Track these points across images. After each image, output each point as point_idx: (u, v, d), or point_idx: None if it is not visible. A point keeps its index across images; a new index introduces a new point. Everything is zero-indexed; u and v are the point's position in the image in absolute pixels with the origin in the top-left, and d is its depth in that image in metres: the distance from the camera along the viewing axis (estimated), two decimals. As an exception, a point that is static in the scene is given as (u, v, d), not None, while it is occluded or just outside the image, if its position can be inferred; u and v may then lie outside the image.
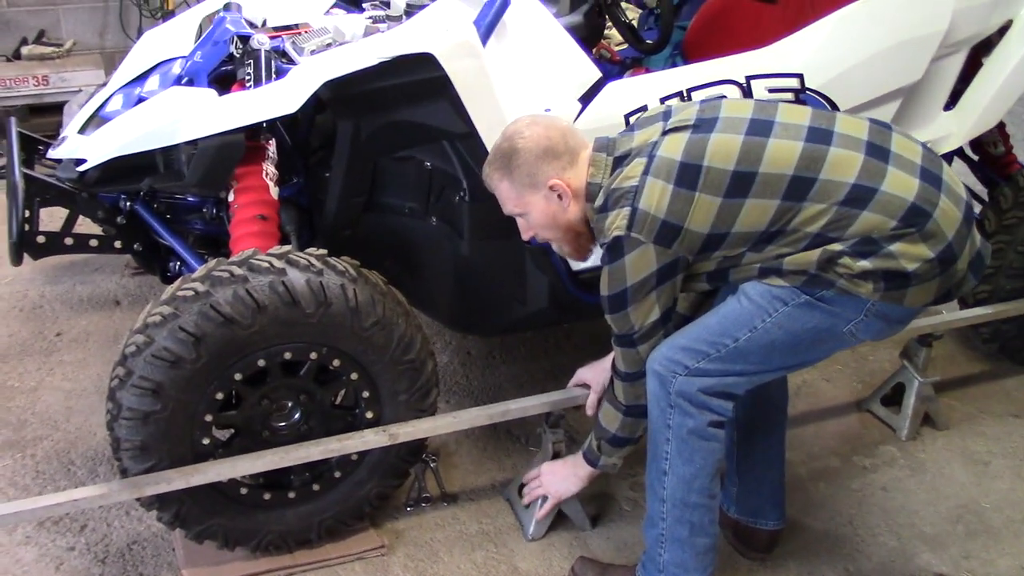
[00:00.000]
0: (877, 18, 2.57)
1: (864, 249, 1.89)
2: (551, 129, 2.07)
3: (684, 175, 1.92)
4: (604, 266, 2.01)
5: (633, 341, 2.07)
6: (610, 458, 2.28)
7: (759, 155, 1.91)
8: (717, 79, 2.49)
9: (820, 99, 2.57)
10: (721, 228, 1.94)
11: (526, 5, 2.37)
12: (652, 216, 1.92)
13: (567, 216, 2.10)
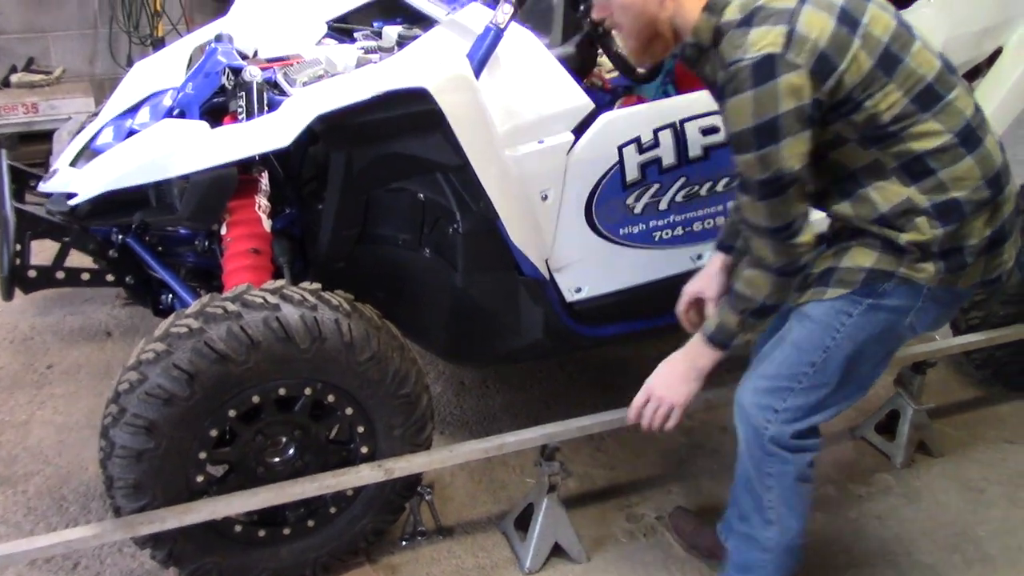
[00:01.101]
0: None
1: (944, 210, 1.87)
2: None
3: (845, 18, 1.80)
4: (744, 92, 1.76)
5: (783, 184, 1.81)
6: (748, 334, 2.03)
7: (907, 45, 1.85)
8: (710, 110, 2.49)
9: (812, 128, 2.59)
10: (857, 95, 1.82)
11: (519, 38, 2.38)
12: (812, 42, 1.75)
13: (657, 11, 1.92)
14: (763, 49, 1.74)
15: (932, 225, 1.88)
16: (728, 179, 2.55)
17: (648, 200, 2.51)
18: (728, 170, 2.54)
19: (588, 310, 2.60)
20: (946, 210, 1.87)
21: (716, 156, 2.51)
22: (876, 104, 1.83)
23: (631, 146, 2.44)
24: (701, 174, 2.53)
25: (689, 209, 2.57)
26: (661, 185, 2.50)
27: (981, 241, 1.91)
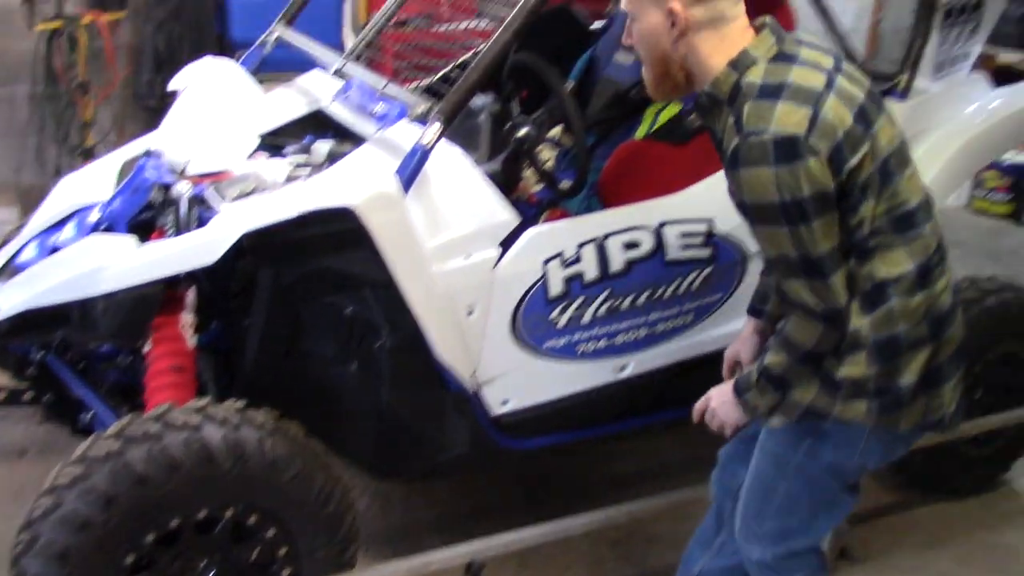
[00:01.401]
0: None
1: (884, 346, 1.89)
2: None
3: (861, 116, 1.82)
4: (765, 167, 1.75)
5: (823, 267, 1.82)
6: (760, 398, 1.99)
7: (903, 166, 1.90)
8: (631, 225, 2.58)
9: (729, 244, 2.68)
10: (857, 195, 1.83)
11: (447, 155, 2.43)
12: (836, 130, 1.77)
13: (669, 50, 1.90)
14: (787, 128, 1.74)
15: (869, 363, 1.90)
16: (650, 292, 2.62)
17: (572, 313, 2.56)
18: (650, 284, 2.62)
19: (514, 423, 2.62)
20: (885, 346, 1.90)
21: (638, 270, 2.59)
22: (865, 211, 1.84)
23: (555, 261, 2.50)
24: (624, 288, 2.59)
25: (612, 322, 2.62)
26: (585, 299, 2.56)
27: (916, 380, 1.92)
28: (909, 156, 1.94)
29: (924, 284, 1.90)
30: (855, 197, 1.83)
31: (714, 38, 1.86)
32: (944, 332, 1.96)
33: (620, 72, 3.59)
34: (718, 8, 1.84)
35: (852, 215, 1.84)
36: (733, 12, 1.87)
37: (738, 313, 2.78)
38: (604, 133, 3.53)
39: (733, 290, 2.75)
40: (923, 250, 1.90)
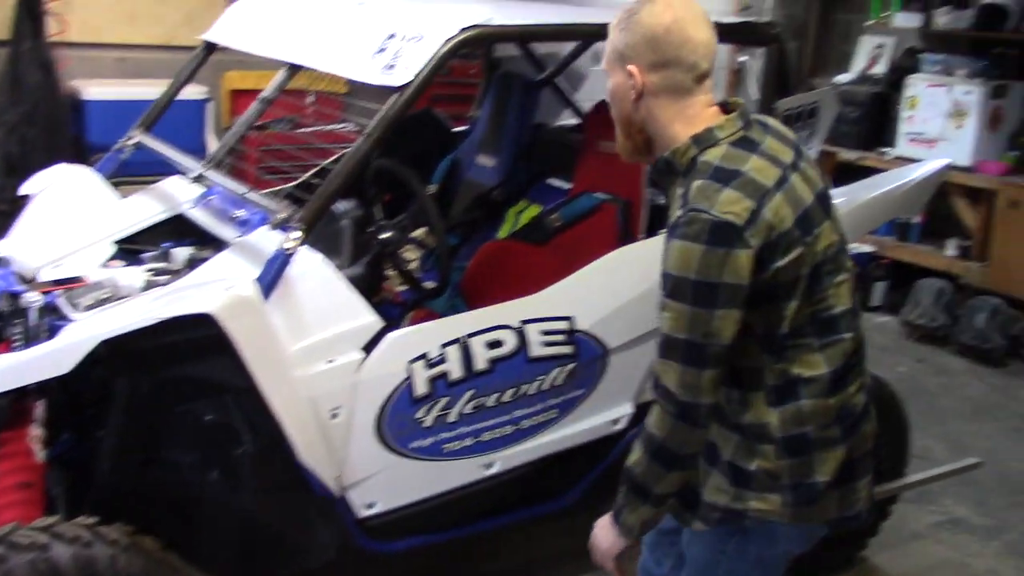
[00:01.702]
0: (634, 265, 2.81)
1: (793, 444, 1.91)
2: (682, 29, 1.85)
3: (802, 222, 1.83)
4: (696, 243, 1.76)
5: (704, 352, 1.80)
6: (630, 515, 1.97)
7: (837, 271, 1.91)
8: (494, 324, 2.63)
9: (591, 339, 2.76)
10: (781, 295, 1.84)
11: (308, 261, 2.44)
12: (772, 228, 1.79)
13: (630, 111, 1.93)
14: (726, 216, 1.75)
15: (778, 456, 1.92)
16: (514, 389, 2.67)
17: (437, 413, 2.58)
18: (514, 381, 2.66)
19: (381, 525, 2.60)
20: (794, 442, 1.91)
21: (502, 368, 2.63)
22: (788, 310, 1.86)
23: (419, 362, 2.52)
24: (488, 386, 2.63)
25: (478, 420, 2.65)
26: (450, 398, 2.58)
27: (831, 477, 1.94)
28: (845, 262, 1.95)
29: (837, 388, 1.92)
30: (779, 296, 1.85)
31: (673, 107, 1.89)
32: (857, 431, 1.98)
33: (482, 174, 3.71)
34: (675, 78, 1.87)
35: (774, 313, 1.86)
36: (693, 86, 1.89)
37: (601, 406, 2.87)
38: (467, 233, 3.62)
39: (595, 384, 2.82)
40: (841, 355, 1.92)
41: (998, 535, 3.83)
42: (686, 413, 1.85)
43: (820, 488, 1.94)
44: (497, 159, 3.66)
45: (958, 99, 6.08)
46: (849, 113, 6.66)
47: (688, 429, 1.87)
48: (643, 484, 1.94)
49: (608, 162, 3.19)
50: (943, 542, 3.64)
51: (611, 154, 3.17)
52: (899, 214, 3.87)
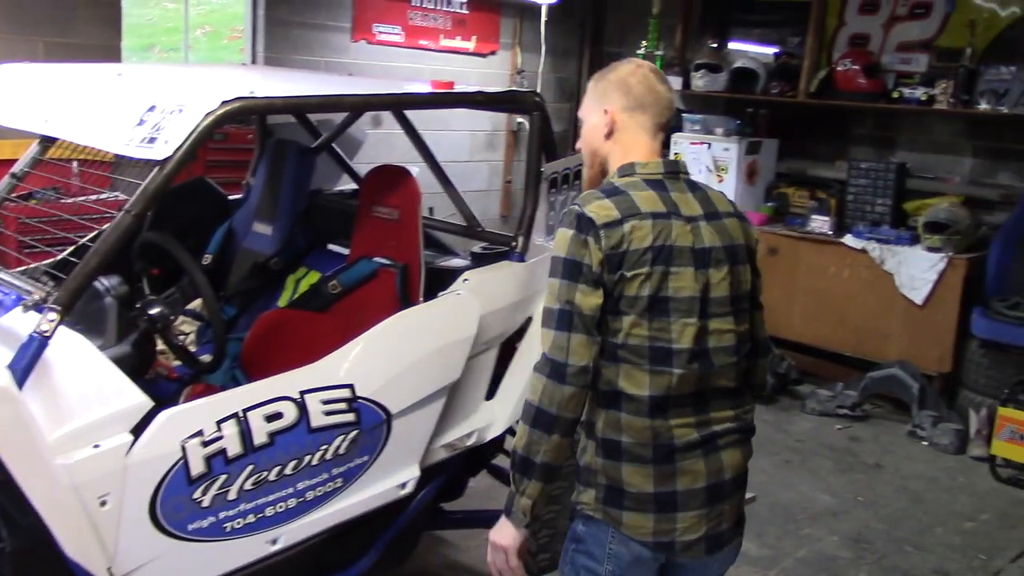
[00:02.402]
0: (413, 330, 2.85)
1: (607, 447, 2.12)
2: (650, 81, 2.23)
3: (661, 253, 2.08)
4: (567, 228, 2.11)
5: (571, 320, 2.06)
6: (521, 497, 2.13)
7: (684, 311, 2.10)
8: (272, 397, 2.58)
9: (373, 406, 2.76)
10: (621, 305, 2.07)
11: (68, 343, 2.33)
12: (624, 240, 2.07)
13: (599, 146, 2.26)
14: (591, 212, 2.08)
15: (595, 453, 2.13)
16: (296, 461, 2.62)
17: (216, 492, 2.50)
18: (296, 453, 2.62)
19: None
20: (609, 446, 2.12)
21: (282, 441, 2.59)
22: (625, 323, 2.08)
23: (194, 440, 2.44)
24: (269, 460, 2.58)
25: (260, 495, 2.59)
26: (229, 475, 2.51)
27: (642, 491, 2.10)
28: (712, 313, 2.13)
29: (654, 414, 2.09)
30: (620, 307, 2.08)
31: (628, 148, 2.23)
32: (674, 464, 2.12)
33: (259, 242, 3.66)
34: (639, 121, 2.22)
35: (613, 320, 2.09)
36: (651, 132, 2.23)
37: (387, 472, 2.87)
38: (246, 304, 3.56)
39: (380, 450, 2.82)
40: (665, 386, 2.09)
41: (775, 564, 4.07)
42: (555, 371, 2.06)
43: (630, 494, 2.11)
44: (274, 226, 3.63)
45: (717, 155, 6.54)
46: (621, 170, 7.00)
47: (556, 386, 2.06)
48: (526, 457, 2.11)
49: (384, 227, 3.23)
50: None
51: (386, 219, 3.23)
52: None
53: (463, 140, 7.10)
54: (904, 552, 4.29)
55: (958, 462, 5.37)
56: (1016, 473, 5.12)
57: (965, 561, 4.25)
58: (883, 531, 4.48)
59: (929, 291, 5.75)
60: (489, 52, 7.17)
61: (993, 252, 5.76)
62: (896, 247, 5.91)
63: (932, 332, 5.80)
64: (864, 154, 6.55)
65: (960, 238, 5.75)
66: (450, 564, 3.91)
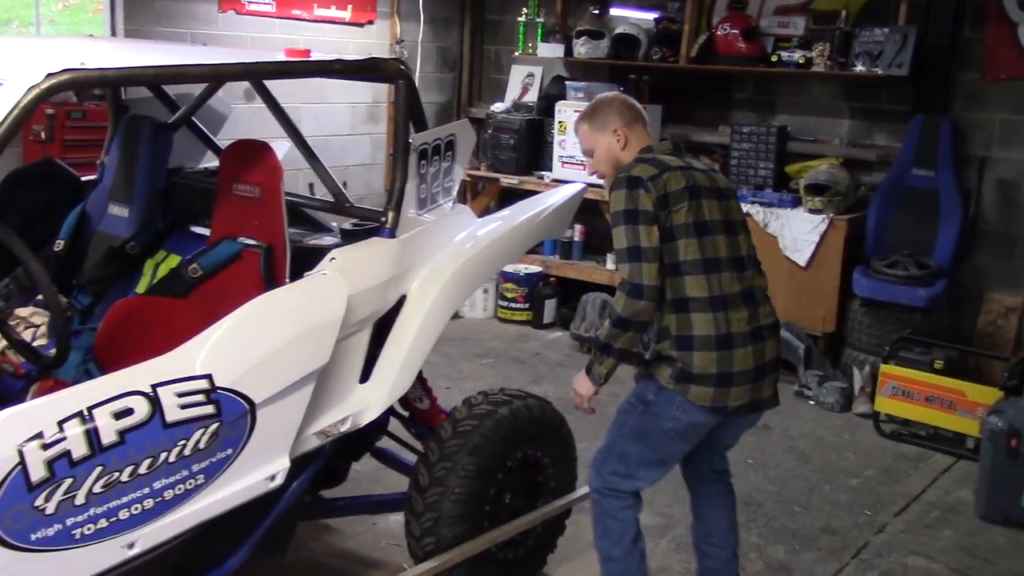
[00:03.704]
0: (275, 314, 2.69)
1: (681, 341, 2.88)
2: (630, 103, 3.15)
3: (694, 190, 2.94)
4: (622, 189, 2.87)
5: (640, 255, 2.82)
6: (599, 367, 2.97)
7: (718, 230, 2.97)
8: (120, 392, 2.40)
9: (234, 396, 2.59)
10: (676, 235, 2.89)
11: None
12: (666, 185, 2.87)
13: (620, 156, 3.05)
14: (637, 173, 2.87)
15: (671, 347, 2.89)
16: (151, 459, 2.45)
17: (62, 497, 2.31)
18: (150, 451, 2.45)
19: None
20: (682, 342, 2.88)
21: (134, 439, 2.41)
22: (681, 247, 2.88)
23: (33, 443, 2.25)
24: (120, 460, 2.39)
25: (112, 498, 2.41)
26: (75, 479, 2.32)
27: (706, 373, 2.85)
28: (737, 226, 3.02)
29: (716, 310, 2.87)
30: (674, 235, 2.86)
31: (635, 147, 3.06)
32: (733, 348, 2.88)
33: (115, 225, 3.45)
34: (636, 128, 3.09)
35: (671, 245, 2.86)
36: (642, 132, 3.11)
37: (253, 465, 2.72)
38: (102, 291, 3.35)
39: (244, 443, 2.66)
40: (718, 285, 2.89)
41: (667, 532, 4.07)
42: (633, 291, 2.83)
43: (697, 375, 2.86)
44: (130, 208, 3.40)
45: (602, 123, 6.46)
46: (506, 140, 6.92)
47: (635, 302, 2.84)
48: (608, 343, 2.92)
49: (245, 205, 3.06)
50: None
51: (248, 197, 3.06)
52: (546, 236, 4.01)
53: (343, 113, 6.89)
54: (793, 512, 4.34)
55: (844, 420, 5.47)
56: (899, 428, 5.24)
57: (851, 518, 4.32)
58: (772, 492, 4.52)
59: (812, 252, 5.82)
60: (367, 21, 6.95)
61: (872, 212, 5.87)
62: (779, 210, 5.97)
63: (816, 293, 5.88)
64: (746, 118, 6.58)
65: (840, 199, 5.83)
66: (336, 552, 3.78)
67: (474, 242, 3.38)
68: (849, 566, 3.90)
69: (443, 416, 3.52)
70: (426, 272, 3.19)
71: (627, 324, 2.86)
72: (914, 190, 5.82)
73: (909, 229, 5.80)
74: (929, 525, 4.29)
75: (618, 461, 3.03)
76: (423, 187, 3.17)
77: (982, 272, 5.90)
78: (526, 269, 6.77)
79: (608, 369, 2.97)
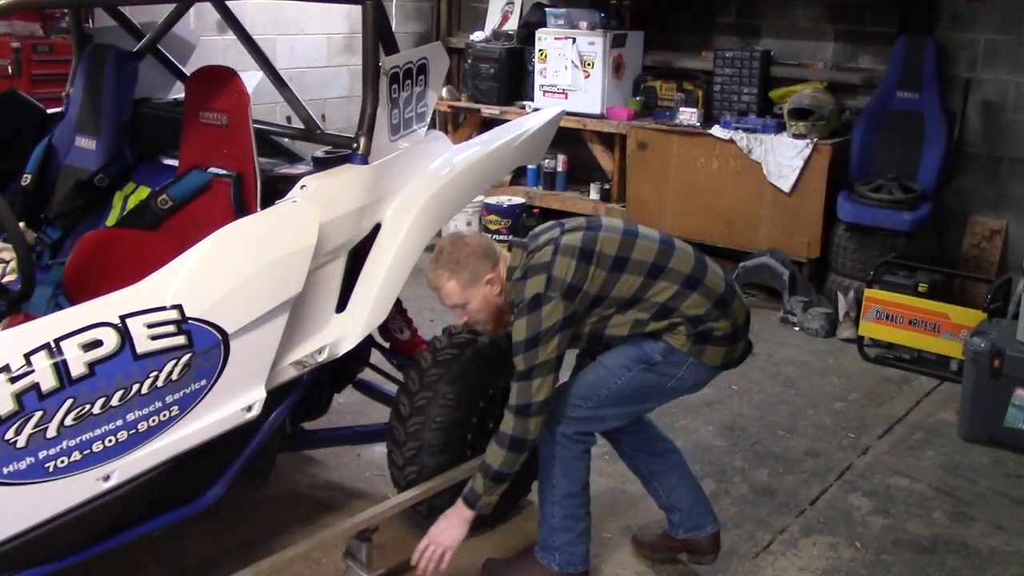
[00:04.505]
0: (245, 242, 2.64)
1: (694, 320, 2.85)
2: (483, 238, 3.03)
3: (583, 255, 2.79)
4: (522, 318, 2.76)
5: (531, 375, 2.76)
6: (489, 496, 2.86)
7: (632, 246, 2.86)
8: (88, 323, 2.36)
9: (205, 326, 2.55)
10: (604, 292, 2.81)
11: None
12: (562, 280, 2.76)
13: (498, 301, 2.91)
14: (533, 291, 2.76)
15: (687, 328, 2.85)
16: (123, 391, 2.42)
17: (32, 430, 2.28)
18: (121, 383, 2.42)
19: None
20: (695, 320, 2.85)
21: (104, 370, 2.37)
22: (618, 289, 2.82)
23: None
24: (91, 392, 2.36)
25: (84, 430, 2.38)
26: (45, 412, 2.29)
27: (724, 333, 2.87)
28: (635, 235, 2.91)
29: (693, 286, 2.85)
30: (603, 294, 2.82)
31: (504, 285, 2.92)
32: (729, 305, 2.90)
33: (82, 157, 3.38)
34: (502, 261, 2.93)
35: (607, 302, 2.83)
36: (504, 257, 2.94)
37: (228, 396, 2.69)
38: (71, 225, 3.29)
39: (218, 374, 2.62)
40: (678, 273, 2.86)
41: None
42: (522, 409, 2.82)
43: (716, 338, 2.87)
44: (97, 140, 3.33)
45: (582, 50, 6.38)
46: (487, 70, 6.81)
47: (524, 421, 2.81)
48: (502, 472, 2.83)
49: (213, 134, 2.99)
50: (603, 473, 3.80)
51: (216, 125, 2.99)
52: (523, 162, 3.94)
53: (319, 44, 6.74)
54: (777, 436, 4.35)
55: (828, 345, 5.47)
56: (883, 352, 5.25)
57: (835, 441, 4.33)
58: (756, 417, 4.53)
59: (796, 178, 5.77)
60: (342, -51, 6.80)
61: (856, 136, 5.81)
62: (763, 136, 5.90)
63: (800, 219, 5.85)
64: (729, 43, 6.47)
65: (824, 123, 5.76)
66: (320, 484, 3.78)
67: (449, 168, 3.32)
68: (833, 487, 3.92)
69: (424, 346, 3.49)
70: (401, 199, 3.14)
71: (523, 445, 2.81)
72: (898, 113, 5.75)
73: (893, 152, 5.75)
74: (912, 447, 4.31)
75: (594, 408, 2.95)
76: (395, 112, 3.10)
77: (966, 195, 5.86)
78: (509, 200, 6.70)
79: (497, 499, 2.90)
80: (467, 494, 2.88)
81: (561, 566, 3.04)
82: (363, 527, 2.94)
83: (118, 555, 2.95)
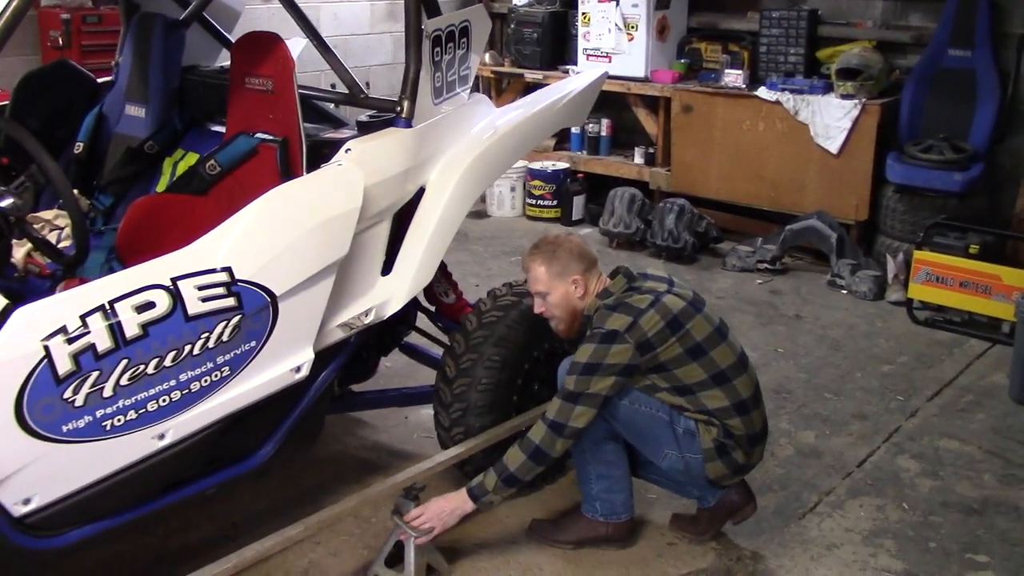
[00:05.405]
0: (291, 205, 2.68)
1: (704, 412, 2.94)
2: (586, 244, 3.11)
3: (673, 322, 2.88)
4: (592, 344, 2.85)
5: (577, 400, 2.84)
6: (495, 495, 2.89)
7: (714, 344, 2.93)
8: (140, 286, 2.41)
9: (255, 288, 2.60)
10: (669, 366, 2.90)
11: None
12: (643, 332, 2.84)
13: (577, 304, 3.02)
14: (613, 326, 2.84)
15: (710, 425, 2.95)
16: (175, 352, 2.48)
17: (89, 390, 2.35)
18: (173, 344, 2.47)
19: (44, 520, 2.37)
20: (729, 434, 2.94)
21: (157, 332, 2.43)
22: (681, 372, 2.90)
23: (57, 337, 2.28)
24: (144, 352, 2.42)
25: (139, 390, 2.44)
26: (101, 372, 2.36)
27: (741, 462, 2.99)
28: (724, 337, 2.99)
29: (720, 384, 2.93)
30: (670, 367, 2.90)
31: (592, 289, 3.03)
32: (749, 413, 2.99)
33: (132, 125, 3.44)
34: (594, 273, 3.04)
35: (672, 375, 2.91)
36: (598, 272, 3.06)
37: (278, 357, 2.74)
38: (123, 192, 3.35)
39: (267, 335, 2.67)
40: (734, 392, 2.95)
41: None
42: (555, 428, 2.89)
43: (737, 444, 2.97)
44: (146, 108, 3.39)
45: (626, 12, 6.32)
46: (530, 34, 6.78)
47: (554, 438, 2.89)
48: (515, 476, 2.88)
49: (259, 99, 3.03)
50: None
51: (261, 91, 3.02)
52: (566, 124, 3.93)
53: (363, 11, 6.77)
54: (823, 399, 4.32)
55: (877, 308, 5.41)
56: (933, 315, 5.18)
57: (883, 403, 4.30)
58: (803, 380, 4.51)
59: (844, 139, 5.69)
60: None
61: (906, 96, 5.71)
62: (810, 96, 5.82)
63: (848, 181, 5.77)
64: (775, 3, 6.37)
65: (873, 83, 5.67)
66: (369, 446, 3.84)
67: (493, 131, 3.32)
68: (880, 449, 3.90)
69: (469, 309, 3.52)
70: (444, 162, 3.15)
71: (544, 459, 2.87)
72: (950, 71, 5.63)
73: (944, 112, 5.64)
74: (962, 409, 4.26)
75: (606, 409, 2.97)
76: (438, 75, 3.11)
77: (1020, 155, 5.73)
78: (553, 166, 6.69)
79: (501, 502, 2.97)
80: (474, 487, 2.90)
81: (605, 516, 3.11)
82: (410, 483, 2.98)
83: (173, 514, 3.03)
